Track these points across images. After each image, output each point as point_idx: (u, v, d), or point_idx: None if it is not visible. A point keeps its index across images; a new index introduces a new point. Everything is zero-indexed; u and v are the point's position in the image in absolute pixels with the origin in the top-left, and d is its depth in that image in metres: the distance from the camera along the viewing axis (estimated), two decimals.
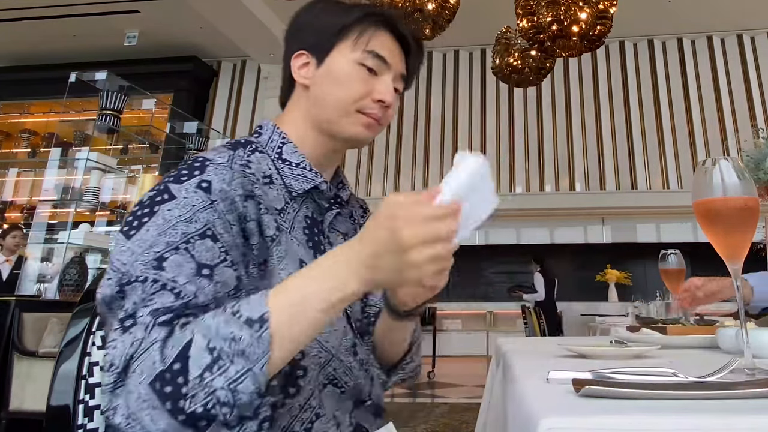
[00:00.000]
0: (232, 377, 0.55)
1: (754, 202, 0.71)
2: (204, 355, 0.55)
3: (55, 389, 0.78)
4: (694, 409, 0.46)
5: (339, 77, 0.81)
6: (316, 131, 0.83)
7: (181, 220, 0.65)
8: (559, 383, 0.58)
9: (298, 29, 0.85)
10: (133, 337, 0.58)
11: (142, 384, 0.54)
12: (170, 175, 0.70)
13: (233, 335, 0.56)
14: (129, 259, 0.63)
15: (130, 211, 0.69)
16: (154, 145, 6.67)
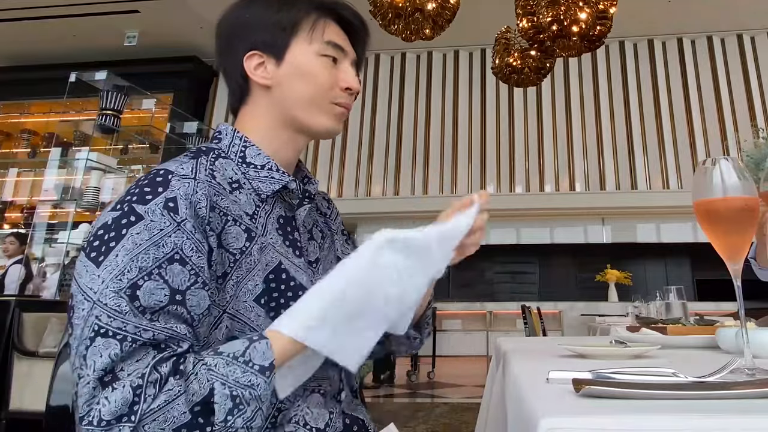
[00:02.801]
0: (249, 417, 0.62)
1: (754, 202, 0.70)
2: (227, 402, 0.61)
3: (54, 389, 0.78)
4: (694, 409, 0.46)
5: (305, 72, 0.80)
6: (284, 130, 0.82)
7: (151, 243, 0.64)
8: (559, 383, 0.58)
9: (241, 29, 0.82)
10: (133, 392, 0.58)
11: (166, 431, 0.58)
12: (132, 192, 0.68)
13: (251, 383, 0.62)
14: (99, 287, 0.62)
15: (92, 233, 0.67)
16: (154, 145, 6.67)
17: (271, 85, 0.81)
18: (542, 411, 0.46)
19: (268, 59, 0.80)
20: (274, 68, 0.80)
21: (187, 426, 0.59)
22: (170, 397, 0.59)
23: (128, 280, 0.62)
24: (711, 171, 0.71)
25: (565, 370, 0.61)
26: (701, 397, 0.50)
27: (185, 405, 0.59)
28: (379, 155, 8.75)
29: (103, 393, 0.58)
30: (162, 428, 0.58)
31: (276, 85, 0.81)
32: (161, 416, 0.58)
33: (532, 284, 8.55)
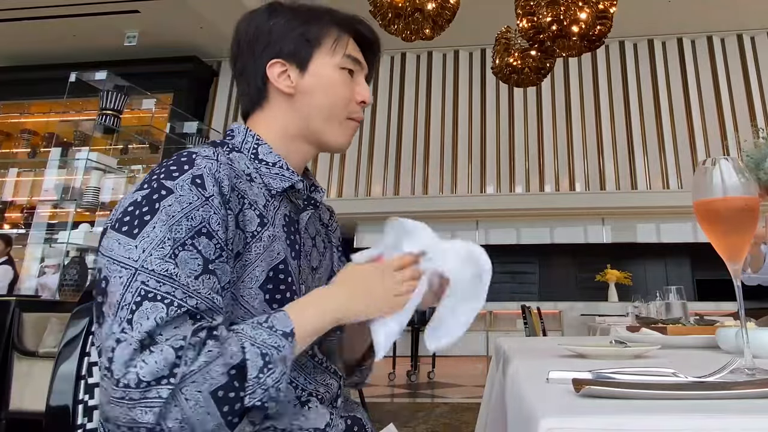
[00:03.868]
0: (277, 377, 0.65)
1: (754, 203, 0.70)
2: (258, 360, 0.64)
3: (55, 389, 0.78)
4: (694, 409, 0.46)
5: (327, 84, 0.83)
6: (297, 138, 0.85)
7: (182, 215, 0.67)
8: (559, 383, 0.58)
9: (266, 37, 0.84)
10: (174, 353, 0.61)
11: (203, 392, 0.61)
12: (158, 171, 0.70)
13: (277, 344, 0.66)
14: (141, 255, 0.64)
15: (119, 211, 0.69)
16: (154, 145, 6.67)
17: (292, 94, 0.83)
18: (542, 411, 0.46)
19: (291, 68, 0.83)
20: (298, 77, 0.83)
21: (224, 387, 0.61)
22: (209, 359, 0.62)
23: (170, 247, 0.65)
24: (711, 171, 0.71)
25: (565, 370, 0.61)
26: (701, 397, 0.50)
27: (222, 367, 0.62)
28: (379, 155, 8.75)
29: (142, 356, 0.60)
30: (199, 390, 0.60)
31: (297, 94, 0.83)
32: (200, 378, 0.61)
33: (532, 284, 8.56)
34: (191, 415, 0.60)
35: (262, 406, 0.64)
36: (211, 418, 0.61)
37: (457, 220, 8.31)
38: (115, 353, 0.60)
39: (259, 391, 0.64)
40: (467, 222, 8.34)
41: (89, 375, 0.80)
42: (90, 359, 0.80)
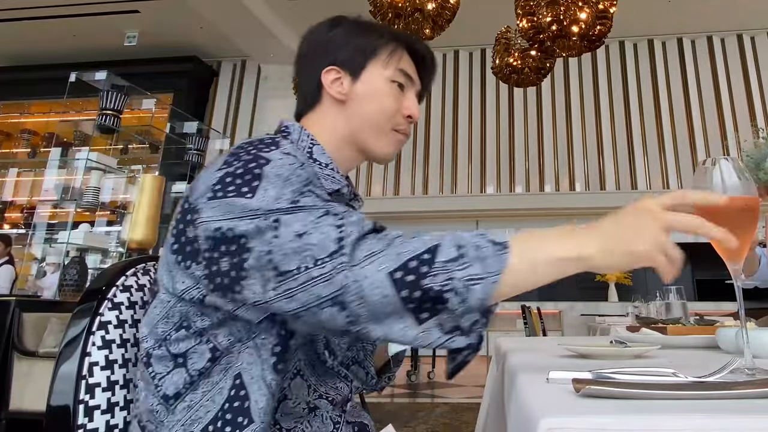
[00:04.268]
0: (470, 275, 0.59)
1: (754, 202, 0.70)
2: (451, 250, 0.60)
3: (55, 389, 0.78)
4: (694, 409, 0.46)
5: (376, 93, 0.87)
6: (344, 144, 0.88)
7: (291, 172, 0.70)
8: (559, 383, 0.58)
9: (324, 45, 0.89)
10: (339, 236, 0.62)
11: (381, 272, 0.59)
12: (245, 150, 0.73)
13: (478, 244, 0.61)
14: (264, 206, 0.66)
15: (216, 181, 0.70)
16: (154, 145, 6.67)
17: (343, 100, 0.87)
18: (542, 411, 0.46)
19: (345, 76, 0.87)
20: (349, 85, 0.87)
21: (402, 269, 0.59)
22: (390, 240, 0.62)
23: (287, 200, 0.66)
24: (711, 171, 0.71)
25: (565, 370, 0.61)
26: (701, 397, 0.50)
27: (405, 247, 0.61)
28: None
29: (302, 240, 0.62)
30: (378, 269, 0.60)
31: (348, 101, 0.87)
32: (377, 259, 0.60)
33: None
34: (369, 294, 0.60)
35: (441, 293, 0.59)
36: (389, 300, 0.59)
37: (457, 220, 8.31)
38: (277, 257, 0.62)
39: (441, 277, 0.59)
40: (467, 222, 8.34)
41: (90, 375, 0.80)
42: (90, 359, 0.80)
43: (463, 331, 0.62)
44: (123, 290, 0.88)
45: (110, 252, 4.96)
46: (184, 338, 0.74)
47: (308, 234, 0.63)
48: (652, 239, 0.63)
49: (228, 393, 0.72)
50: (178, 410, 0.73)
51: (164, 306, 0.75)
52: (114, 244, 4.94)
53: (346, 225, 0.63)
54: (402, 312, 0.60)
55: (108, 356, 0.82)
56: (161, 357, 0.75)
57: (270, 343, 0.74)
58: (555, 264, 0.63)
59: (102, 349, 0.82)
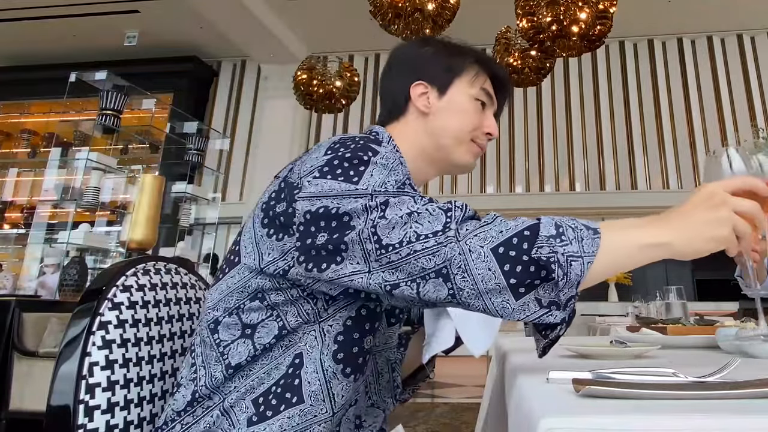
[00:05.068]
0: (570, 252, 0.62)
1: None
2: (551, 228, 0.64)
3: (55, 389, 0.78)
4: (694, 409, 0.46)
5: (461, 109, 0.94)
6: (421, 157, 0.94)
7: (397, 165, 0.75)
8: (559, 383, 0.58)
9: (415, 61, 0.96)
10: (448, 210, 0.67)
11: (485, 247, 0.63)
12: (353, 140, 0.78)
13: (575, 225, 0.65)
14: (370, 187, 0.70)
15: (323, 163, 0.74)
16: (154, 145, 6.66)
17: (428, 113, 0.93)
18: (542, 411, 0.46)
19: (432, 91, 0.94)
20: (436, 100, 0.94)
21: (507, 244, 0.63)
22: (489, 218, 0.67)
23: (392, 186, 0.71)
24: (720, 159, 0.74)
25: (565, 370, 0.61)
26: (701, 397, 0.50)
27: (505, 225, 0.65)
28: None
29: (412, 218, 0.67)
30: (481, 245, 0.63)
31: (433, 114, 0.93)
32: (481, 233, 0.64)
33: None
34: (473, 267, 0.63)
35: (547, 264, 0.61)
36: (492, 274, 0.63)
37: None
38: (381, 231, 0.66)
39: (547, 248, 0.62)
40: None
41: (90, 375, 0.80)
42: (90, 359, 0.80)
43: (560, 306, 0.64)
44: (123, 290, 0.88)
45: (110, 252, 4.96)
46: (257, 309, 0.78)
47: (418, 213, 0.67)
48: (728, 224, 0.65)
49: (285, 370, 0.77)
50: (236, 378, 0.77)
51: (242, 276, 0.79)
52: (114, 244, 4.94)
53: (453, 210, 0.67)
54: (503, 286, 0.63)
55: (108, 356, 0.82)
56: (230, 325, 0.78)
57: (335, 331, 0.78)
58: (642, 250, 0.66)
59: (102, 349, 0.82)
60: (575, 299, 0.65)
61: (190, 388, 0.79)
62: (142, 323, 0.89)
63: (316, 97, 5.01)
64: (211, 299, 0.81)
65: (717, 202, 0.66)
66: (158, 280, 0.96)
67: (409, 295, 0.66)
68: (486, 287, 0.63)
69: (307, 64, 5.11)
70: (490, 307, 0.64)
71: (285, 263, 0.75)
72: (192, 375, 0.80)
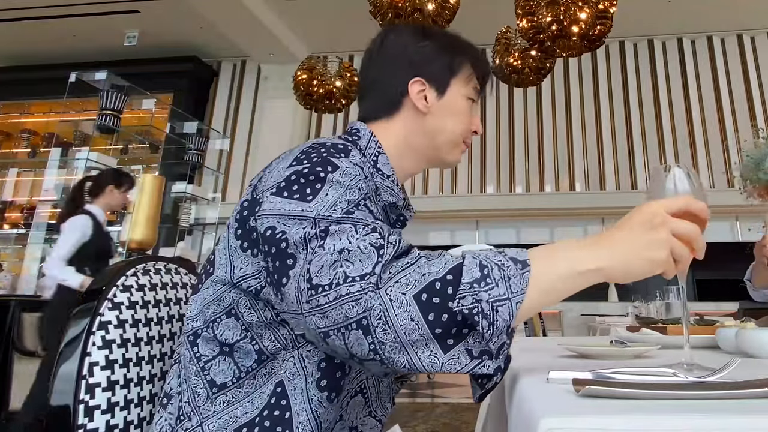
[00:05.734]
0: (496, 296, 0.59)
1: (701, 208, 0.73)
2: (476, 270, 0.60)
3: (55, 389, 0.78)
4: (694, 409, 0.46)
5: (458, 111, 0.92)
6: (415, 153, 0.91)
7: (353, 184, 0.72)
8: (559, 383, 0.58)
9: (414, 56, 0.91)
10: (376, 252, 0.62)
11: (407, 294, 0.59)
12: (317, 151, 0.74)
13: (501, 263, 0.61)
14: (318, 210, 0.68)
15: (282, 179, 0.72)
16: (154, 145, 6.67)
17: (426, 113, 0.90)
18: (542, 411, 0.46)
19: (430, 90, 0.90)
20: (434, 99, 0.90)
21: (428, 290, 0.59)
22: (412, 259, 0.63)
23: (342, 208, 0.68)
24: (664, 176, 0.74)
25: (565, 370, 0.61)
26: (701, 397, 0.50)
27: (427, 267, 0.61)
28: None
29: (341, 258, 0.63)
30: (402, 292, 0.60)
31: (430, 114, 0.90)
32: (403, 278, 0.61)
33: None
34: (394, 318, 0.58)
35: (470, 316, 0.58)
36: (416, 325, 0.58)
37: (457, 220, 8.30)
38: (313, 269, 0.63)
39: (469, 298, 0.58)
40: (467, 222, 8.34)
41: (90, 375, 0.80)
42: (90, 359, 0.80)
43: (492, 355, 0.61)
44: (123, 290, 0.88)
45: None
46: (233, 327, 0.75)
47: (348, 251, 0.63)
48: (666, 246, 0.63)
49: (267, 399, 0.72)
50: (218, 401, 0.74)
51: (216, 289, 0.76)
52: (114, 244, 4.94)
53: (385, 247, 0.64)
54: (428, 337, 0.58)
55: (108, 356, 0.82)
56: (208, 339, 0.76)
57: (316, 357, 0.73)
58: (575, 278, 0.63)
59: (102, 349, 0.82)
60: (508, 345, 0.62)
61: (175, 403, 0.77)
62: (142, 323, 0.89)
63: (316, 97, 5.01)
64: (191, 310, 0.79)
65: (657, 223, 0.63)
66: (158, 280, 0.96)
67: (340, 346, 0.62)
68: (410, 339, 0.58)
69: (307, 64, 5.11)
70: (416, 363, 0.60)
71: (258, 282, 0.72)
72: (178, 388, 0.78)
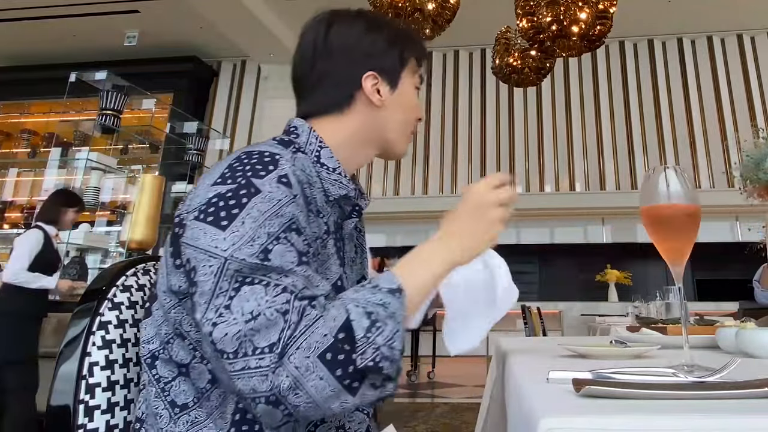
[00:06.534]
0: (388, 336, 0.63)
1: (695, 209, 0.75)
2: (364, 320, 0.63)
3: (55, 389, 0.78)
4: (694, 409, 0.46)
5: (410, 102, 0.92)
6: (366, 145, 0.89)
7: (273, 212, 0.68)
8: (559, 383, 0.58)
9: (366, 49, 0.88)
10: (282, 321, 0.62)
11: (311, 358, 0.60)
12: (243, 169, 0.70)
13: (383, 301, 0.65)
14: (231, 247, 0.65)
15: (203, 203, 0.69)
16: (154, 145, 6.67)
17: (380, 106, 0.88)
18: (542, 411, 0.46)
19: (383, 83, 0.88)
20: (388, 93, 0.88)
21: (331, 350, 0.61)
22: (309, 322, 0.62)
23: (259, 245, 0.65)
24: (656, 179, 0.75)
25: (565, 370, 0.61)
26: (701, 397, 0.50)
27: (326, 329, 0.62)
28: None
29: (248, 327, 0.61)
30: (307, 356, 0.60)
31: (384, 107, 0.88)
32: (305, 343, 0.61)
33: (532, 284, 8.55)
34: (304, 381, 0.60)
35: (376, 366, 0.62)
36: (326, 383, 0.60)
37: None
38: (217, 335, 0.61)
39: (370, 351, 0.61)
40: None
41: (90, 375, 0.80)
42: (90, 359, 0.80)
43: (391, 378, 0.65)
44: (123, 290, 0.88)
45: (110, 252, 4.96)
46: (184, 347, 0.74)
47: (255, 318, 0.62)
48: (501, 221, 0.78)
49: (231, 418, 0.72)
50: (181, 422, 0.73)
51: (164, 308, 0.75)
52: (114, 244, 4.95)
53: (290, 310, 0.62)
54: (339, 390, 0.61)
55: (108, 356, 0.82)
56: (166, 361, 0.75)
57: None
58: (437, 278, 0.74)
59: (102, 349, 0.82)
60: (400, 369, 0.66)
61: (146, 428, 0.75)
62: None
63: None
64: (145, 334, 0.77)
65: (488, 203, 0.78)
66: None
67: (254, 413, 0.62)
68: (323, 396, 0.60)
69: None
70: (329, 412, 0.63)
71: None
72: (146, 411, 0.76)
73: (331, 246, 0.80)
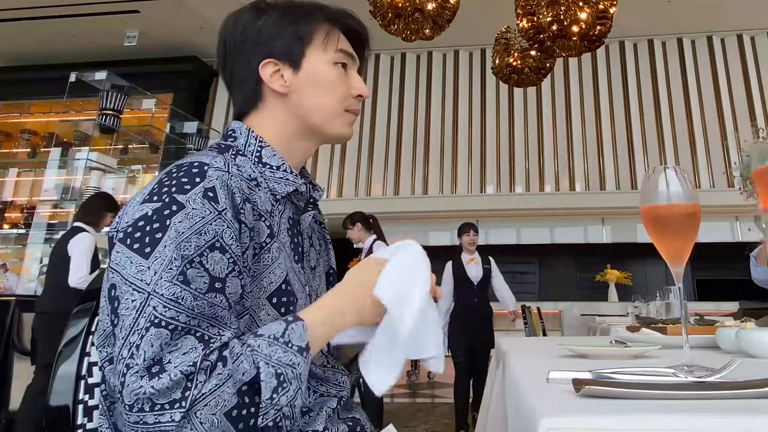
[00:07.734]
0: (291, 396, 0.64)
1: (695, 210, 0.74)
2: (272, 380, 0.63)
3: (55, 389, 0.78)
4: (694, 409, 0.46)
5: (323, 81, 0.83)
6: (298, 135, 0.85)
7: (192, 232, 0.66)
8: (559, 383, 0.58)
9: (255, 37, 0.83)
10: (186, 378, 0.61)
11: (217, 414, 0.61)
12: (169, 183, 0.69)
13: (293, 362, 0.65)
14: (153, 278, 0.64)
15: (130, 224, 0.67)
16: (154, 145, 6.67)
17: (287, 93, 0.83)
18: (542, 411, 0.46)
19: (284, 67, 0.83)
20: (291, 76, 0.83)
21: (237, 407, 0.62)
22: (220, 381, 0.62)
23: (176, 267, 0.64)
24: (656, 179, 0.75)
25: (565, 370, 0.61)
26: (701, 397, 0.50)
27: (233, 388, 0.62)
28: (379, 155, 8.75)
29: (151, 382, 0.60)
30: (213, 413, 0.60)
31: (293, 93, 0.83)
32: (213, 401, 0.61)
33: (532, 284, 8.56)
34: None
35: (276, 425, 0.64)
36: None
37: (457, 220, 8.30)
38: (126, 379, 0.61)
39: (272, 412, 0.63)
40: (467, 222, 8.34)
41: (89, 375, 0.80)
42: (90, 359, 0.80)
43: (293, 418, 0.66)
44: None
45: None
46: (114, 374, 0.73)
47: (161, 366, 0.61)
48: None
49: None
50: None
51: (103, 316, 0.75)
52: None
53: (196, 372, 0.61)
54: None
55: None
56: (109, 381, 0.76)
57: None
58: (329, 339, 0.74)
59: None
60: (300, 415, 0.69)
61: None
62: None
63: None
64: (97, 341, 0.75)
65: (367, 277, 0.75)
66: None
67: None
68: None
69: None
70: None
71: None
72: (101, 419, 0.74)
73: (276, 250, 0.77)
